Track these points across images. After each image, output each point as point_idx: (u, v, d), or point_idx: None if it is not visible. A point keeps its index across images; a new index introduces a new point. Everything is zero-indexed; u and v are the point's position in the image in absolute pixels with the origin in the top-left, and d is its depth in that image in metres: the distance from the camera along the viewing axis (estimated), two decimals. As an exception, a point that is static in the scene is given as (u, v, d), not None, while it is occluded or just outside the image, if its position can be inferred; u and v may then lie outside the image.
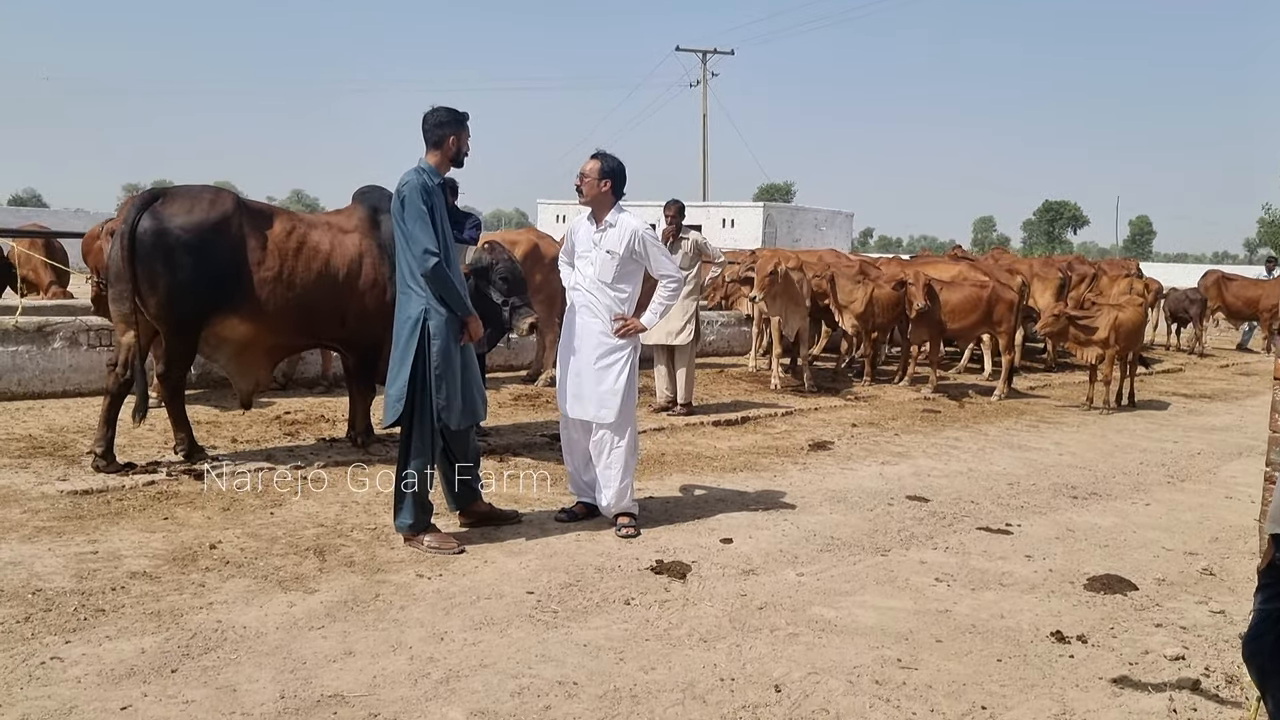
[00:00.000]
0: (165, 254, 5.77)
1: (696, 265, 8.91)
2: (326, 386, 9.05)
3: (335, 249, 6.32)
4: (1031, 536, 5.66)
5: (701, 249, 8.99)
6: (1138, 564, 5.23)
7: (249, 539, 4.90)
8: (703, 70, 43.63)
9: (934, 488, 6.66)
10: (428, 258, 4.75)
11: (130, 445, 6.40)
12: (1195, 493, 6.95)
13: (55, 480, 5.63)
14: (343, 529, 5.14)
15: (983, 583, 4.83)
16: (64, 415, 7.34)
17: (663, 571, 4.75)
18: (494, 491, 6.02)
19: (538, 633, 3.99)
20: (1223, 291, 17.78)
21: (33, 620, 3.84)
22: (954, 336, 11.43)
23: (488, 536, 5.15)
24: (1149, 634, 4.28)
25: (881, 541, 5.43)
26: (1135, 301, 11.17)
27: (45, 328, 7.96)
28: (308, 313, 6.25)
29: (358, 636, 3.86)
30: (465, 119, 5.06)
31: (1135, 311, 10.59)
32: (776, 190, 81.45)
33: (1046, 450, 8.19)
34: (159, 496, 5.50)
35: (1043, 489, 6.80)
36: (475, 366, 5.11)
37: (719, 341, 13.49)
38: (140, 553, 4.62)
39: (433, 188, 4.87)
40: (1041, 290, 13.22)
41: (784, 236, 34.77)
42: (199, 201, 5.96)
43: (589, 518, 5.50)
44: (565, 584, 4.53)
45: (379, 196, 6.55)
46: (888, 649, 3.98)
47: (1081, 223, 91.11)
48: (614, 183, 5.35)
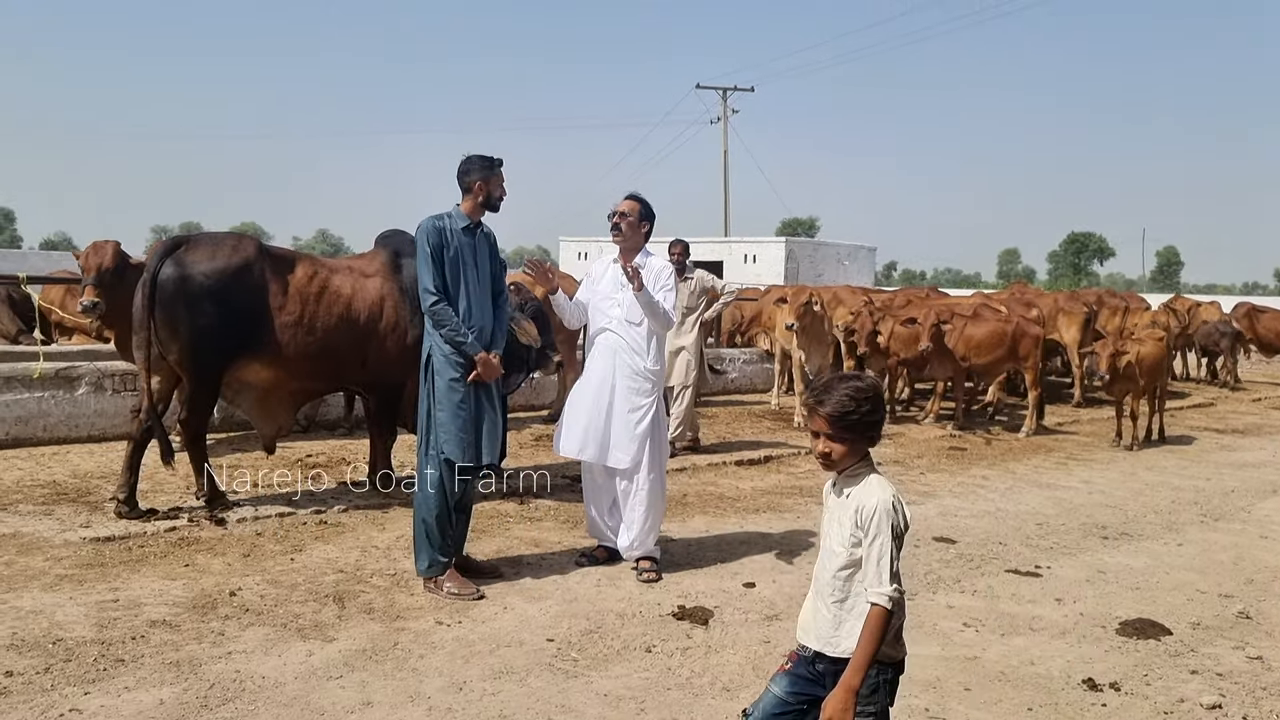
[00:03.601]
0: (188, 301, 5.81)
1: (701, 304, 8.86)
2: (349, 429, 9.07)
3: (357, 293, 6.36)
4: (1061, 579, 5.55)
5: (707, 288, 8.96)
6: (1171, 607, 5.12)
7: (269, 586, 4.88)
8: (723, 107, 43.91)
9: (961, 528, 6.57)
10: (426, 296, 4.94)
11: (153, 491, 6.42)
12: (1229, 532, 6.81)
13: (78, 527, 5.64)
14: (363, 575, 5.11)
15: (1012, 628, 4.73)
16: (89, 460, 7.39)
17: (684, 617, 4.68)
18: (513, 534, 6.00)
19: (557, 682, 3.93)
20: (1254, 323, 17.56)
21: (53, 671, 3.82)
22: (978, 372, 11.32)
23: (508, 581, 5.11)
24: (1184, 681, 4.17)
25: (908, 585, 5.28)
26: (1156, 335, 11.03)
27: (71, 373, 8.03)
28: (330, 356, 6.27)
29: (376, 686, 3.82)
30: (493, 164, 5.12)
31: (1156, 346, 10.46)
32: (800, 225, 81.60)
33: (1076, 489, 8.06)
34: (180, 543, 5.50)
35: (1072, 529, 6.69)
36: (490, 407, 5.06)
37: (741, 379, 13.44)
38: (161, 600, 4.61)
39: (447, 230, 4.99)
40: (1067, 325, 13.10)
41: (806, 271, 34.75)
42: (221, 248, 6.02)
43: (610, 562, 5.45)
44: (586, 631, 4.48)
45: (401, 240, 6.59)
46: (915, 698, 3.90)
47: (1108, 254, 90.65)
48: (650, 226, 5.46)
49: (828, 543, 2.70)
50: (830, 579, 2.66)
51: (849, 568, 2.63)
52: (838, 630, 2.63)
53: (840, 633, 2.63)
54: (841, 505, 2.67)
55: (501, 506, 6.62)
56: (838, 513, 2.68)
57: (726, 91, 44.00)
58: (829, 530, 2.71)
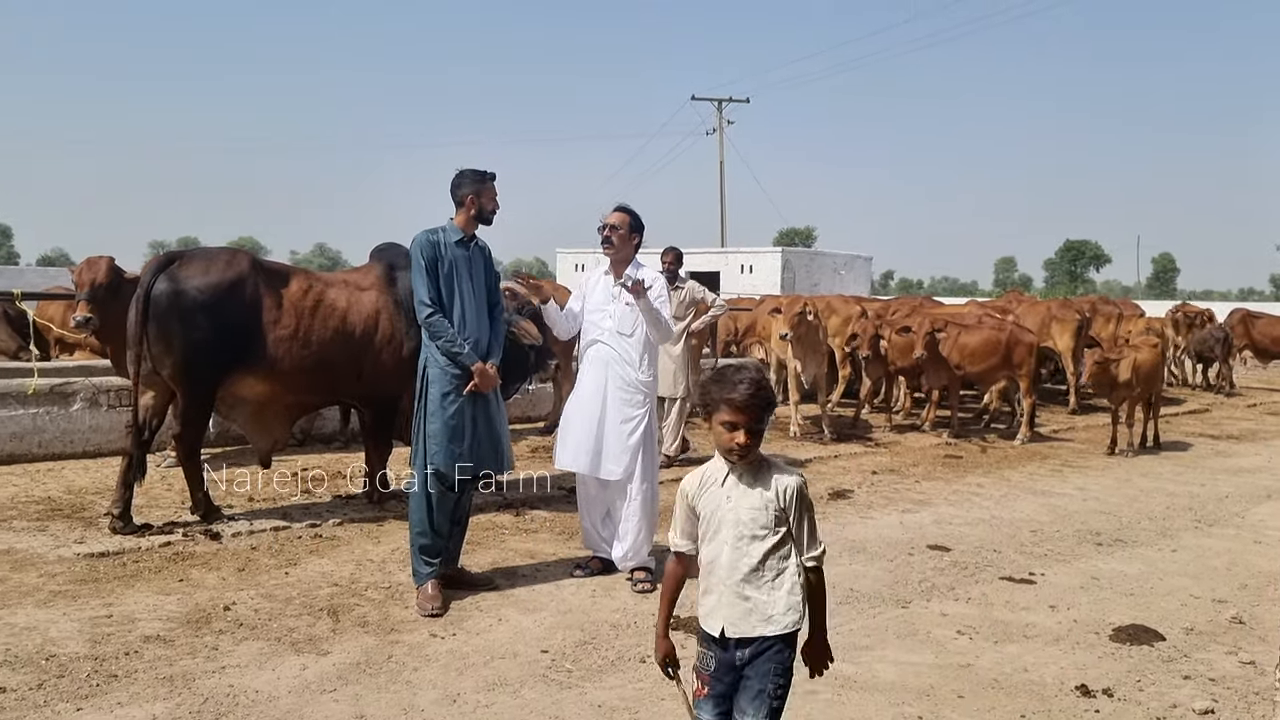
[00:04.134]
0: (181, 316, 5.83)
1: (690, 314, 8.86)
2: (344, 442, 9.07)
3: (352, 306, 6.37)
4: (1055, 586, 5.56)
5: (697, 299, 8.96)
6: (1165, 613, 5.13)
7: (263, 600, 4.88)
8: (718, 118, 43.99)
9: (956, 536, 6.57)
10: (422, 308, 4.99)
11: (148, 506, 6.42)
12: (1223, 538, 6.82)
13: (72, 543, 5.64)
14: (357, 588, 5.12)
15: (1006, 635, 4.74)
16: (83, 476, 7.39)
17: (679, 627, 4.66)
18: (509, 546, 6.00)
19: (551, 693, 3.94)
20: (1249, 329, 17.59)
21: (45, 687, 3.82)
22: (973, 380, 11.34)
23: (503, 593, 5.12)
24: (1177, 686, 4.18)
25: (902, 593, 5.34)
26: (1151, 342, 11.06)
27: (65, 389, 8.03)
28: (325, 370, 6.28)
29: (370, 700, 3.83)
30: (485, 178, 5.16)
31: (1152, 353, 10.48)
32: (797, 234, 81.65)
33: (1070, 495, 8.08)
34: (175, 558, 5.50)
35: (1066, 536, 6.69)
36: (490, 418, 5.07)
37: (738, 389, 13.42)
38: (154, 616, 4.61)
39: (441, 243, 5.04)
40: (1060, 332, 13.12)
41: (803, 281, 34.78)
42: (215, 263, 6.03)
43: (605, 572, 5.46)
44: (580, 642, 4.48)
45: (396, 253, 6.61)
46: (908, 706, 3.90)
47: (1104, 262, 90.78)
48: (640, 238, 5.49)
49: (734, 535, 2.72)
50: (755, 566, 2.71)
51: (778, 547, 2.72)
52: (772, 608, 2.71)
53: (775, 609, 2.71)
54: (746, 494, 2.73)
55: (497, 518, 6.62)
56: (742, 502, 2.73)
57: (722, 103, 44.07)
58: (731, 521, 2.73)
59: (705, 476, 2.82)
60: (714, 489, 2.78)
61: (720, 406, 2.71)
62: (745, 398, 2.68)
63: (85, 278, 6.91)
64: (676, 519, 2.88)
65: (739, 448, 2.71)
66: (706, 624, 2.79)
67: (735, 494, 2.75)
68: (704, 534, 2.80)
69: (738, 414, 2.69)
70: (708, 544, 2.79)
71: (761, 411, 2.72)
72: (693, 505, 2.82)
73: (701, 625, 2.81)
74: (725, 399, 2.70)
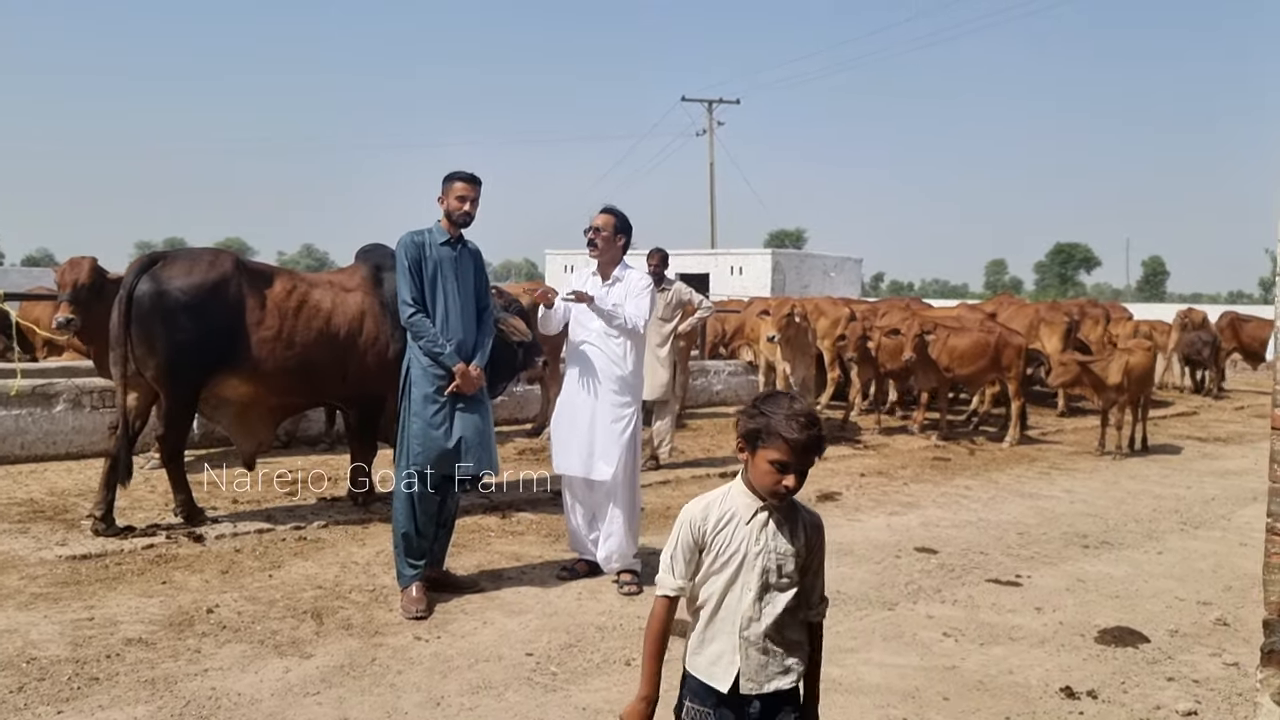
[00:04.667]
0: (164, 316, 5.79)
1: (677, 316, 8.83)
2: (329, 444, 9.04)
3: (337, 307, 6.35)
4: (1042, 588, 5.56)
5: (684, 300, 8.94)
6: (1150, 615, 5.13)
7: (246, 602, 4.85)
8: (709, 119, 44.02)
9: (943, 538, 6.58)
10: (404, 308, 5.00)
11: (130, 508, 6.38)
12: (1209, 540, 6.84)
13: (54, 545, 5.60)
14: (341, 590, 5.09)
15: (992, 637, 4.74)
16: (66, 478, 7.34)
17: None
18: (494, 548, 5.98)
19: (536, 696, 3.92)
20: (1238, 332, 17.68)
21: (26, 690, 3.79)
22: (962, 382, 11.36)
23: (488, 595, 5.10)
24: (1161, 688, 4.18)
25: (889, 595, 5.34)
26: (1144, 345, 11.10)
27: (48, 390, 7.98)
28: (309, 371, 6.25)
29: (353, 703, 3.80)
30: (450, 178, 5.13)
31: (1144, 356, 10.53)
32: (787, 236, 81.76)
33: (1058, 498, 8.09)
34: (157, 560, 5.46)
35: (1053, 538, 6.70)
36: (475, 417, 5.03)
37: (726, 391, 13.45)
38: (137, 618, 4.57)
39: (426, 244, 5.05)
40: (1049, 334, 13.16)
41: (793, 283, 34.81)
42: (198, 263, 6.00)
43: (591, 575, 5.44)
44: (565, 644, 4.47)
45: (382, 255, 6.59)
46: (894, 708, 3.90)
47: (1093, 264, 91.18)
48: (626, 239, 5.44)
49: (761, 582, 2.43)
50: (780, 616, 2.44)
51: (798, 594, 2.48)
52: (789, 657, 2.47)
53: (792, 658, 2.48)
54: (779, 538, 2.44)
55: (483, 520, 6.60)
56: (777, 547, 2.44)
57: (712, 104, 44.11)
58: (761, 568, 2.42)
59: (725, 511, 2.47)
60: (737, 526, 2.44)
61: (774, 442, 2.38)
62: (807, 440, 2.37)
63: (68, 278, 6.87)
64: (674, 554, 2.50)
65: (786, 491, 2.41)
66: (710, 677, 2.45)
67: (768, 536, 2.44)
68: (707, 572, 2.47)
69: (793, 455, 2.38)
70: (710, 583, 2.46)
71: (817, 454, 2.44)
72: (700, 540, 2.47)
73: (699, 677, 2.47)
74: (782, 436, 2.37)
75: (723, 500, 2.50)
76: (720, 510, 2.47)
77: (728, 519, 2.46)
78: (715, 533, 2.46)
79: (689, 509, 2.52)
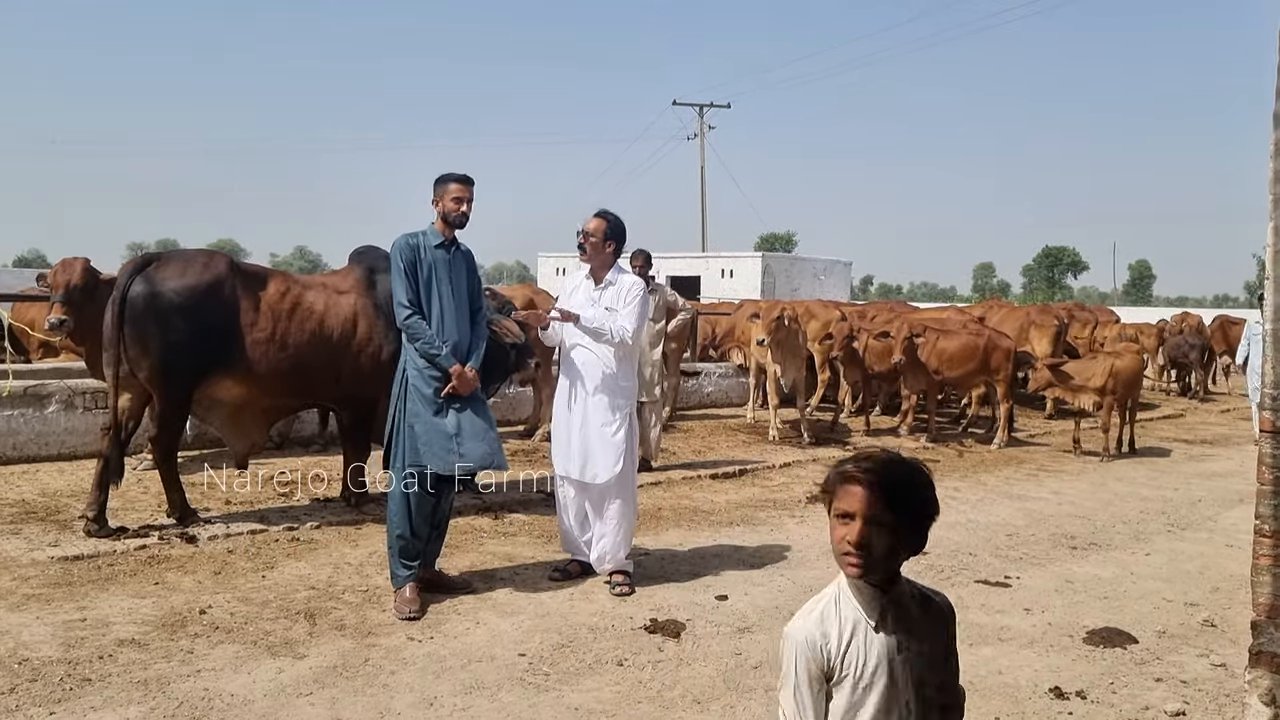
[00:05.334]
0: (158, 318, 5.79)
1: (663, 320, 8.84)
2: (322, 445, 9.03)
3: (330, 309, 6.35)
4: (1030, 589, 5.60)
5: (671, 304, 8.97)
6: (1138, 616, 5.17)
7: (239, 603, 4.86)
8: (699, 124, 44.08)
9: (932, 540, 6.49)
10: (400, 310, 5.00)
11: (123, 509, 6.37)
12: (1196, 541, 6.89)
13: (46, 546, 5.59)
14: (334, 591, 5.10)
15: (980, 638, 4.77)
16: (59, 479, 7.32)
17: (657, 630, 4.70)
18: (487, 549, 6.00)
19: (528, 696, 3.94)
20: (1227, 335, 17.79)
21: (18, 691, 3.79)
22: (951, 385, 11.41)
23: (481, 596, 5.11)
24: (1149, 689, 4.22)
25: (879, 596, 5.36)
26: (1132, 349, 11.18)
27: (40, 390, 7.97)
28: (302, 373, 6.25)
29: (346, 703, 3.81)
30: (445, 179, 5.15)
31: (1133, 359, 10.59)
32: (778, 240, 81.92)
33: (1046, 500, 8.14)
34: (150, 561, 5.46)
35: (1042, 540, 6.75)
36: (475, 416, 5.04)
37: (717, 393, 13.48)
38: (129, 619, 4.58)
39: (421, 246, 5.06)
40: (1038, 337, 13.22)
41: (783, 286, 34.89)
42: (192, 265, 6.00)
43: (583, 576, 5.46)
44: (558, 645, 4.48)
45: (376, 256, 6.59)
46: (884, 708, 3.92)
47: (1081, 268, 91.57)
48: (617, 243, 5.45)
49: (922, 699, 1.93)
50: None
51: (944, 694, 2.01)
52: None
53: None
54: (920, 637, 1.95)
55: (476, 521, 6.61)
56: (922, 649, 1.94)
57: (703, 108, 44.18)
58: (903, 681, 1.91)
59: (845, 620, 1.93)
60: (867, 635, 1.91)
61: (839, 486, 1.92)
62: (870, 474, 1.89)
63: (60, 280, 6.86)
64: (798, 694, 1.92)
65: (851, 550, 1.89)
66: None
67: (908, 638, 1.92)
68: (850, 704, 1.90)
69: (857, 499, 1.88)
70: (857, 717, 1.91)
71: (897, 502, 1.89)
72: (827, 666, 1.91)
73: None
74: (844, 474, 1.92)
75: (836, 607, 1.95)
76: (839, 621, 1.93)
77: (851, 631, 1.91)
78: (842, 653, 1.90)
79: (797, 631, 1.94)
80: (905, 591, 1.97)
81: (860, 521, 1.86)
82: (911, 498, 1.90)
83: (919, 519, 1.93)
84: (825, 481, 1.97)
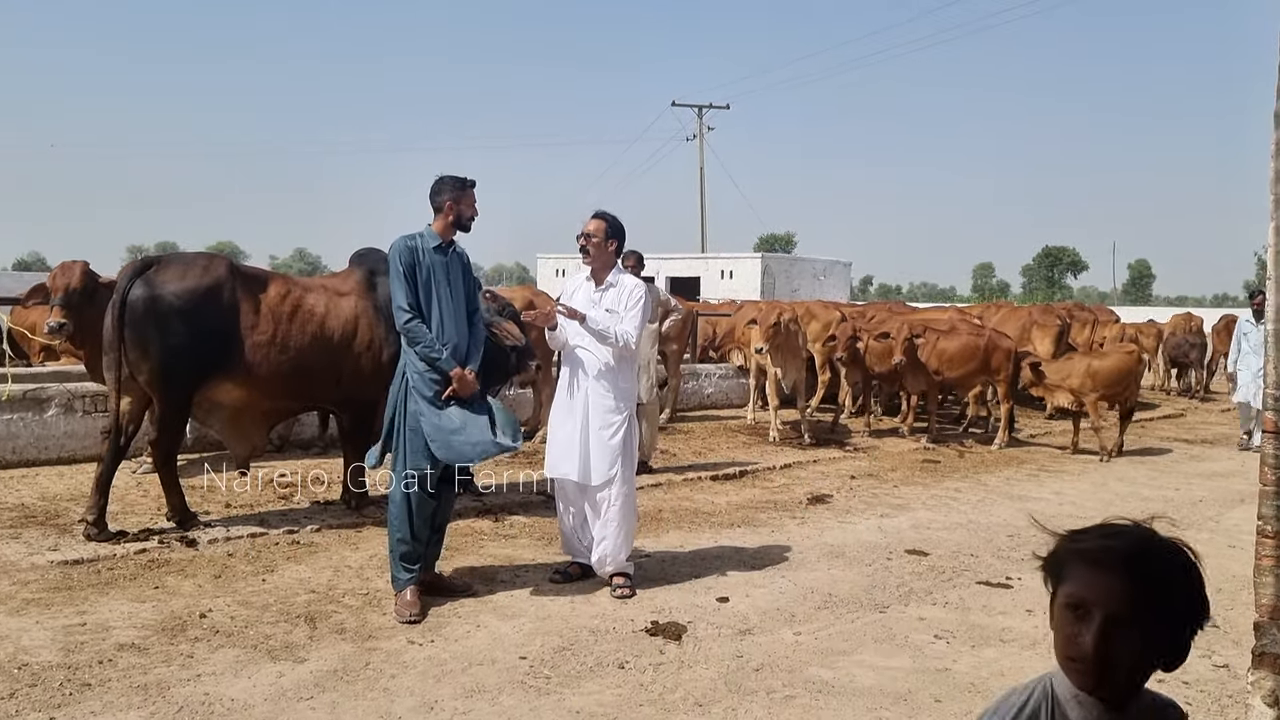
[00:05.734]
0: (158, 321, 5.79)
1: (657, 321, 8.84)
2: (323, 448, 9.03)
3: (330, 312, 6.35)
4: (1032, 590, 5.58)
5: (663, 304, 8.97)
6: (1140, 617, 5.15)
7: (240, 607, 4.85)
8: (699, 125, 44.09)
9: (933, 541, 6.61)
10: (400, 314, 4.98)
11: (123, 512, 6.36)
12: (1197, 541, 6.74)
13: (46, 550, 5.58)
14: (335, 594, 5.09)
15: (983, 639, 4.77)
16: (58, 483, 7.31)
17: (658, 633, 4.69)
18: (487, 551, 5.99)
19: (529, 700, 3.93)
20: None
21: (17, 696, 3.78)
22: (951, 385, 11.41)
23: (481, 599, 5.10)
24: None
25: (880, 598, 5.36)
26: (1129, 349, 11.16)
27: (40, 394, 7.96)
28: (303, 375, 6.25)
29: (347, 707, 3.80)
30: (465, 185, 5.16)
31: (1120, 358, 10.56)
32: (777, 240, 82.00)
33: (1047, 500, 8.13)
34: (150, 565, 5.45)
35: (1043, 541, 6.72)
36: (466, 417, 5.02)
37: (717, 394, 13.48)
38: (129, 624, 4.57)
39: (419, 249, 5.04)
40: (1040, 337, 13.22)
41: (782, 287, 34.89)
42: (192, 268, 6.00)
43: (584, 578, 5.45)
44: (559, 648, 4.47)
45: (376, 259, 6.59)
46: (885, 710, 3.92)
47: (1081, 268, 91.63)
48: (619, 241, 5.45)
49: None
50: None
51: None
52: None
53: None
54: None
55: (476, 524, 6.61)
56: None
57: (702, 109, 44.19)
58: None
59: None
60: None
61: (1070, 568, 1.54)
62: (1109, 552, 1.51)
63: (59, 283, 6.84)
64: None
65: (1082, 655, 1.47)
66: None
67: None
68: None
69: (1092, 587, 1.47)
70: None
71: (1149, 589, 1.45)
72: None
73: None
74: (1077, 552, 1.55)
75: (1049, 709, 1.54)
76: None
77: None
78: None
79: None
80: (1147, 704, 1.53)
81: (1100, 620, 1.42)
82: (1178, 593, 1.45)
83: (1183, 623, 1.46)
84: (1051, 554, 1.56)
